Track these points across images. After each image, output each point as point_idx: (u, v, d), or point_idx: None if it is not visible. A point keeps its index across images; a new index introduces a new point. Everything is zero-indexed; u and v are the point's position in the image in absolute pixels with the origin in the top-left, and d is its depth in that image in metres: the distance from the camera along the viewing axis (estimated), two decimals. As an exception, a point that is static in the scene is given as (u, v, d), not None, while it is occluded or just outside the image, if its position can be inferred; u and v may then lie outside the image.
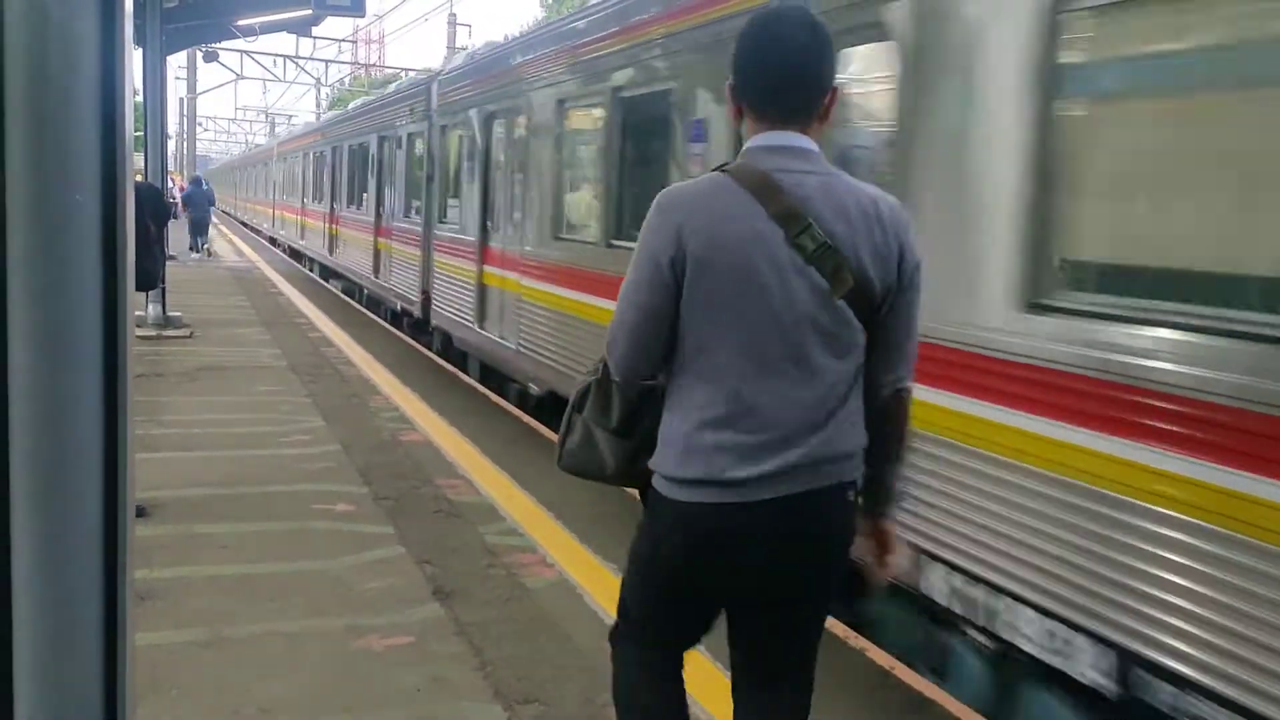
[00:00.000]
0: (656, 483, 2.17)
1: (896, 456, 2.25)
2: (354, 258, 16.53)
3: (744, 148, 2.16)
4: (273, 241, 30.20)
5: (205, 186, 25.71)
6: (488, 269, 9.50)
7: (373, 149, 14.98)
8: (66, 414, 1.26)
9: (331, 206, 18.77)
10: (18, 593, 1.27)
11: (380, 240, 14.35)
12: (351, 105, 20.72)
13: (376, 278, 14.60)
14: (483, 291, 9.60)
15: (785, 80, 2.11)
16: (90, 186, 1.19)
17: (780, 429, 2.06)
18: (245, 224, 40.36)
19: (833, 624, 4.20)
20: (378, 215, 14.45)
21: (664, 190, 2.15)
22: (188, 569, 4.42)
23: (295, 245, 24.92)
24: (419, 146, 12.30)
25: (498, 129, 9.49)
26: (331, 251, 18.91)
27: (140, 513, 5.00)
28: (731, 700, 2.37)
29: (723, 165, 2.13)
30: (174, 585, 4.22)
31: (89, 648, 1.30)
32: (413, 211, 12.54)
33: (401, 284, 12.97)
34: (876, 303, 2.09)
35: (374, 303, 15.63)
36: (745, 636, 2.30)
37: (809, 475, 2.08)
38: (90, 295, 1.24)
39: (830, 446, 2.10)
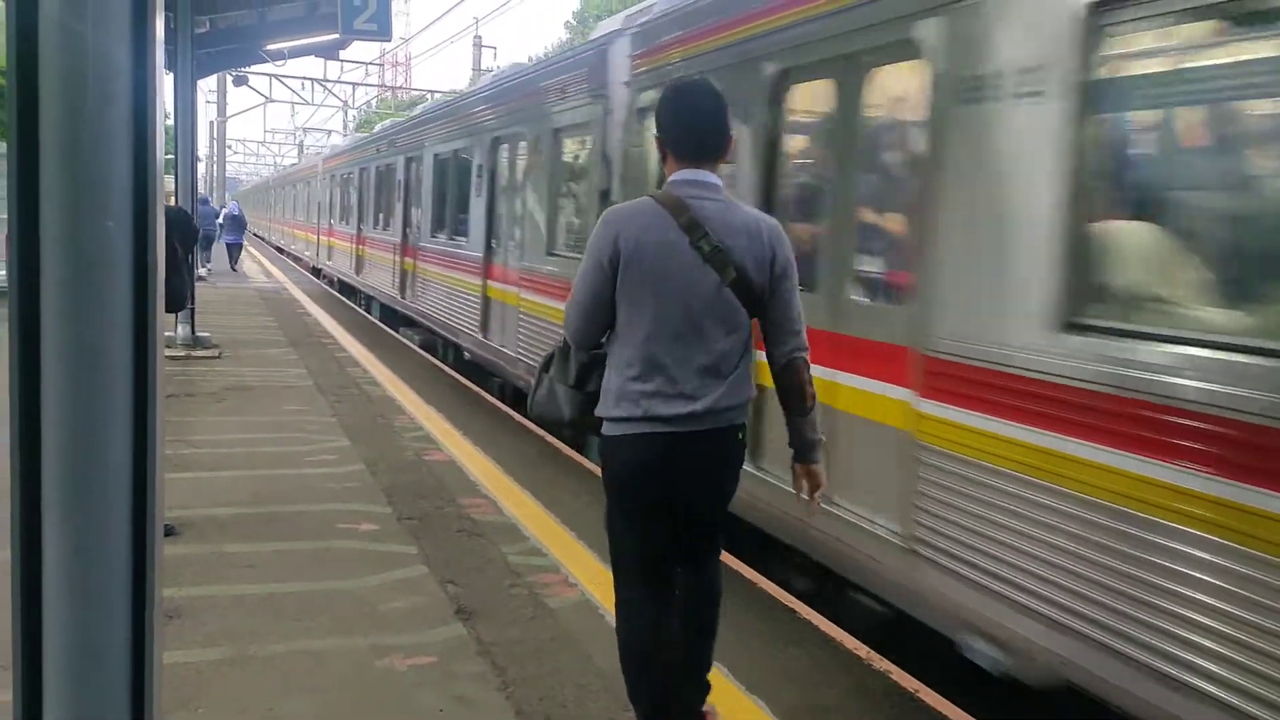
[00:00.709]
0: (605, 425, 2.95)
1: (800, 411, 3.00)
2: (441, 305, 12.01)
3: (667, 180, 2.95)
4: (316, 273, 25.79)
5: (229, 208, 25.58)
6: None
7: (478, 157, 10.68)
8: (97, 434, 1.28)
9: (404, 234, 14.30)
10: (48, 609, 1.29)
11: (492, 285, 9.97)
12: (421, 108, 16.79)
13: (485, 337, 10.17)
14: None
15: (699, 132, 2.94)
16: (121, 213, 1.22)
17: (684, 383, 2.84)
18: (281, 250, 36.63)
19: (856, 646, 4.17)
20: (488, 249, 10.17)
21: (608, 209, 2.90)
22: (215, 588, 4.46)
23: (347, 279, 20.14)
24: (581, 147, 8.03)
25: (797, 102, 5.03)
26: (403, 293, 14.27)
27: (169, 532, 5.06)
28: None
29: (651, 193, 2.93)
30: (201, 603, 4.25)
31: (117, 665, 1.32)
32: (562, 247, 8.28)
33: (538, 353, 8.29)
34: (757, 294, 2.89)
35: (474, 367, 11.18)
36: (675, 534, 3.05)
37: (704, 419, 2.86)
38: (121, 318, 1.26)
39: (721, 399, 2.87)
